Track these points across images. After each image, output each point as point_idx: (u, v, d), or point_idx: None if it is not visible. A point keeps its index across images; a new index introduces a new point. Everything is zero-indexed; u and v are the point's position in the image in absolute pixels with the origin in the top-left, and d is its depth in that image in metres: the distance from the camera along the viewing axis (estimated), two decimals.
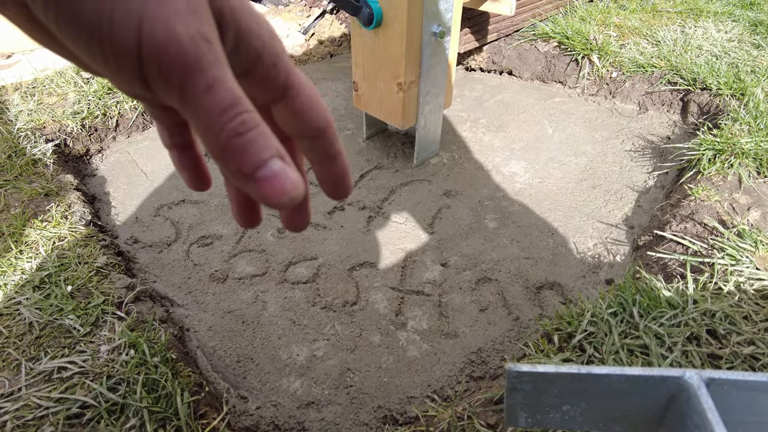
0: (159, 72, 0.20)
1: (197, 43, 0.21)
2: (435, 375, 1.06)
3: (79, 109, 1.73)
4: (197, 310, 1.20)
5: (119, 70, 0.21)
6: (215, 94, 0.21)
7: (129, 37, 0.20)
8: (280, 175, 0.22)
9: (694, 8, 2.46)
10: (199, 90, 0.21)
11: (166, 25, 0.20)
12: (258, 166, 0.22)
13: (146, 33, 0.20)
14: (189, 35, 0.20)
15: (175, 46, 0.20)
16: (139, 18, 0.20)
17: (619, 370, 0.65)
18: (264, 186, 0.22)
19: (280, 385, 1.05)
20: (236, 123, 0.21)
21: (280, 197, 0.22)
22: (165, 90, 0.21)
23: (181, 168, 0.31)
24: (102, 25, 0.20)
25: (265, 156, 0.22)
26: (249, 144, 0.22)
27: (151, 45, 0.20)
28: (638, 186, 1.56)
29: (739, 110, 1.60)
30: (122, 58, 0.20)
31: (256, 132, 0.22)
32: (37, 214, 1.29)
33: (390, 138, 1.81)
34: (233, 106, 0.21)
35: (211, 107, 0.21)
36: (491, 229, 1.42)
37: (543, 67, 2.14)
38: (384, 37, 1.39)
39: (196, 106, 0.21)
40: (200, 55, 0.21)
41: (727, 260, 1.10)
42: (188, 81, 0.21)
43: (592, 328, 0.97)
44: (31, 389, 0.89)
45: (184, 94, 0.21)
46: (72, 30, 0.20)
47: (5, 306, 1.05)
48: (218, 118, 0.21)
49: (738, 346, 0.91)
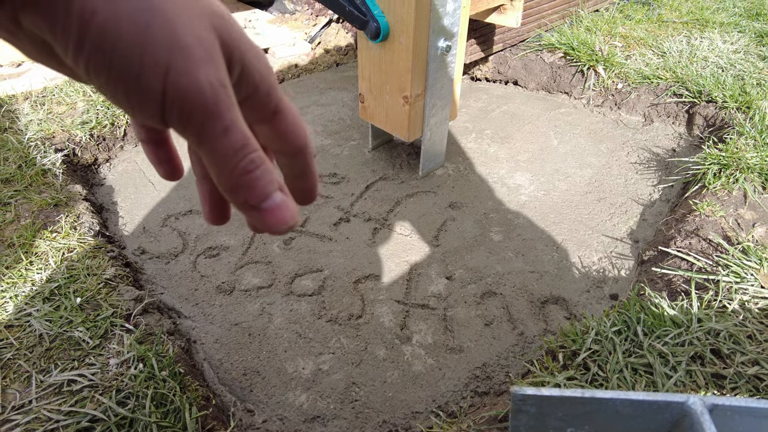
0: (180, 115, 0.23)
1: (216, 90, 0.23)
2: (440, 390, 1.06)
3: (88, 119, 1.75)
4: (204, 322, 1.21)
5: (142, 110, 0.23)
6: (230, 137, 0.24)
7: (155, 83, 0.22)
8: (281, 206, 0.26)
9: (699, 19, 2.46)
10: (217, 133, 0.23)
11: (189, 75, 0.22)
12: (263, 199, 0.26)
13: (171, 82, 0.22)
14: (209, 83, 0.23)
15: (197, 95, 0.22)
16: (166, 68, 0.22)
17: (623, 395, 0.66)
18: (268, 216, 0.26)
19: (286, 398, 1.06)
20: (246, 162, 0.25)
21: (281, 226, 0.26)
22: (183, 130, 0.23)
23: (157, 162, 0.33)
24: (131, 72, 0.21)
25: (269, 190, 0.26)
26: (256, 180, 0.25)
27: (175, 92, 0.22)
28: (643, 199, 1.56)
29: (745, 124, 1.60)
30: (147, 102, 0.22)
31: (263, 169, 0.25)
32: (46, 225, 1.31)
33: (395, 148, 1.82)
34: (244, 147, 0.24)
35: (225, 148, 0.24)
36: (496, 241, 1.42)
37: (548, 78, 2.15)
38: (390, 50, 1.40)
39: (213, 146, 0.24)
40: (218, 101, 0.23)
41: (731, 278, 1.10)
42: (207, 125, 0.23)
43: (597, 346, 0.97)
44: (41, 402, 0.90)
45: (203, 135, 0.23)
46: (101, 76, 0.22)
47: (16, 317, 1.06)
48: (232, 158, 0.24)
49: (742, 366, 0.91)
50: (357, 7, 1.35)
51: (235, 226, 1.48)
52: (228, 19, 0.26)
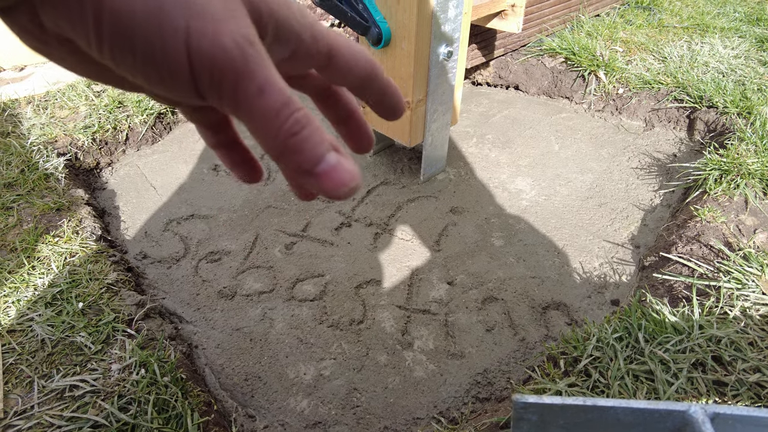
0: (210, 82, 0.21)
1: (242, 47, 0.21)
2: (441, 396, 1.06)
3: (90, 123, 1.75)
4: (206, 327, 1.21)
5: (175, 86, 0.22)
6: (267, 97, 0.22)
7: (179, 54, 0.20)
8: (338, 168, 0.24)
9: (700, 24, 2.46)
10: (251, 94, 0.22)
11: (211, 36, 0.21)
12: (316, 162, 0.23)
13: (194, 47, 0.20)
14: (234, 41, 0.21)
15: (222, 54, 0.21)
16: (186, 33, 0.20)
17: (625, 403, 0.66)
18: (324, 180, 0.23)
19: (288, 404, 1.06)
20: (291, 123, 0.22)
21: (340, 189, 0.24)
22: (218, 98, 0.22)
23: (232, 165, 0.32)
24: (155, 47, 0.20)
25: (321, 151, 0.23)
26: (305, 141, 0.23)
27: (201, 57, 0.21)
28: (644, 204, 1.56)
29: (746, 129, 1.60)
30: (176, 76, 0.21)
31: (310, 129, 0.23)
32: (49, 229, 1.31)
33: (396, 153, 1.82)
34: (285, 107, 0.22)
35: (264, 110, 0.22)
36: (497, 247, 1.43)
37: (549, 83, 2.15)
38: (392, 56, 1.40)
39: (251, 110, 0.22)
40: (247, 59, 0.21)
41: (733, 284, 1.10)
42: (240, 87, 0.21)
43: (598, 352, 0.97)
44: (43, 407, 0.90)
45: (237, 100, 0.22)
46: (127, 60, 0.21)
47: (18, 322, 1.07)
48: (273, 120, 0.22)
49: (744, 373, 0.91)
50: (359, 12, 1.35)
51: (237, 231, 1.48)
52: None
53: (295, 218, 1.53)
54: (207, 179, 1.71)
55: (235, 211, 1.56)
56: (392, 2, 1.31)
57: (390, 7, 1.32)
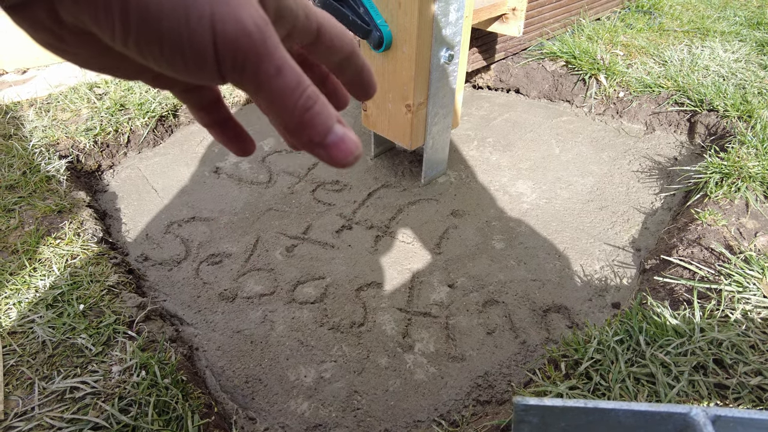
0: (234, 65, 0.22)
1: (262, 29, 0.22)
2: (442, 399, 1.06)
3: (92, 126, 1.76)
4: (206, 329, 1.21)
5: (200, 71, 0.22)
6: (285, 76, 0.23)
7: (205, 38, 0.21)
8: (344, 139, 0.25)
9: (700, 28, 2.47)
10: (270, 74, 0.23)
11: (234, 20, 0.21)
12: (326, 134, 0.25)
13: (219, 32, 0.21)
14: (255, 24, 0.22)
15: (246, 38, 0.22)
16: (211, 19, 0.21)
17: (626, 405, 0.66)
18: (333, 150, 0.25)
19: (288, 406, 1.06)
20: (304, 99, 0.24)
21: (347, 158, 0.26)
22: (240, 79, 0.23)
23: (227, 141, 0.33)
24: (182, 35, 0.21)
25: (330, 124, 0.25)
26: (316, 115, 0.24)
27: (225, 41, 0.21)
28: (645, 207, 1.56)
29: (746, 133, 1.60)
30: (202, 61, 0.22)
31: (320, 103, 0.25)
32: (50, 231, 1.31)
33: (397, 156, 1.83)
34: (300, 84, 0.24)
35: (282, 88, 0.23)
36: (498, 250, 1.43)
37: (550, 86, 2.16)
38: (393, 60, 1.41)
39: (270, 88, 0.23)
40: (266, 41, 0.22)
41: (734, 287, 1.10)
42: (261, 68, 0.22)
43: (599, 355, 0.97)
44: (44, 409, 0.90)
45: (258, 80, 0.23)
46: (153, 49, 0.21)
47: (19, 324, 1.07)
48: (290, 97, 0.24)
49: (745, 376, 0.91)
50: (360, 16, 1.36)
51: (238, 234, 1.48)
52: None
53: (296, 221, 1.53)
54: (208, 182, 1.71)
55: (236, 213, 1.56)
56: (393, 6, 1.31)
57: (391, 10, 1.33)
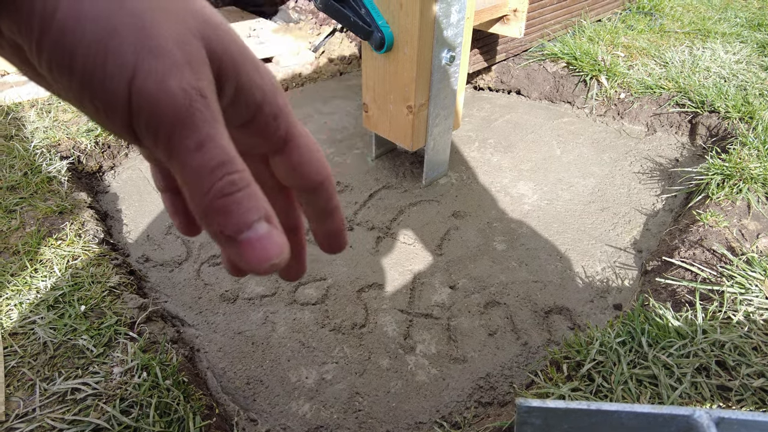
0: (147, 125, 0.20)
1: (191, 97, 0.20)
2: (443, 400, 1.06)
3: (93, 126, 1.76)
4: (208, 331, 1.21)
5: (108, 119, 0.20)
6: (205, 153, 0.20)
7: (120, 88, 0.19)
8: (263, 240, 0.21)
9: (701, 29, 2.47)
10: (189, 147, 0.20)
11: (158, 79, 0.19)
12: (242, 229, 0.21)
13: (137, 85, 0.19)
14: (182, 89, 0.20)
15: (167, 99, 0.20)
16: (132, 71, 0.19)
17: (629, 407, 0.66)
18: (247, 250, 0.21)
19: (290, 408, 1.05)
20: (224, 183, 0.21)
21: (263, 263, 0.21)
22: (153, 143, 0.20)
23: (174, 213, 0.30)
24: (95, 74, 0.19)
25: (250, 218, 0.21)
26: (235, 204, 0.21)
27: (141, 97, 0.19)
28: (646, 209, 1.56)
29: (748, 134, 1.60)
30: (112, 109, 0.20)
31: (244, 193, 0.21)
32: (51, 233, 1.31)
33: (399, 157, 1.83)
34: (223, 165, 0.21)
35: (199, 165, 0.20)
36: (499, 251, 1.42)
37: (551, 87, 2.16)
38: (395, 61, 1.41)
39: (185, 162, 0.20)
40: (193, 110, 0.20)
41: (736, 289, 1.10)
42: (178, 137, 0.20)
43: (601, 357, 0.97)
44: (45, 410, 0.90)
45: (172, 149, 0.20)
46: (63, 77, 0.20)
47: (20, 325, 1.06)
48: (207, 177, 0.21)
49: (748, 378, 0.91)
50: (362, 17, 1.36)
51: None
52: (221, 28, 0.23)
53: None
54: None
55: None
56: (395, 7, 1.31)
57: (393, 11, 1.33)
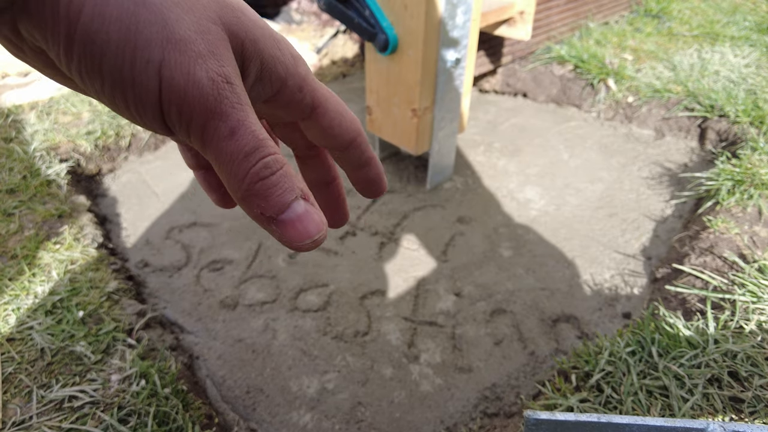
0: (179, 117, 0.21)
1: (218, 86, 0.21)
2: (448, 411, 1.04)
3: (93, 129, 1.74)
4: (207, 338, 1.19)
5: (140, 115, 0.21)
6: (238, 139, 0.21)
7: (150, 84, 0.20)
8: (303, 218, 0.23)
9: (710, 32, 2.44)
10: (221, 135, 0.21)
11: (185, 70, 0.20)
12: (281, 210, 0.22)
13: (166, 78, 0.20)
14: (210, 78, 0.20)
15: (196, 91, 0.20)
16: (159, 65, 0.20)
17: (640, 420, 0.63)
18: (287, 229, 0.22)
19: (290, 418, 1.03)
20: (259, 167, 0.22)
21: (303, 240, 0.23)
22: (186, 134, 0.21)
23: (209, 189, 0.31)
24: (124, 74, 0.20)
25: (288, 199, 0.22)
26: (272, 187, 0.22)
27: (171, 90, 0.20)
28: (655, 215, 1.53)
29: (758, 139, 1.57)
30: (144, 105, 0.20)
31: (280, 174, 0.22)
32: (50, 236, 1.30)
33: (403, 161, 1.80)
34: (257, 150, 0.21)
35: (233, 152, 0.21)
36: (506, 257, 1.40)
37: (558, 91, 2.13)
38: (399, 63, 1.39)
39: (219, 150, 0.21)
40: (222, 99, 0.21)
41: (748, 297, 1.07)
42: (210, 126, 0.21)
43: (610, 367, 0.94)
44: (42, 418, 0.88)
45: (206, 138, 0.21)
46: (95, 81, 0.20)
47: (18, 331, 1.05)
48: (241, 162, 0.21)
49: (761, 389, 0.88)
50: (365, 19, 1.34)
51: (240, 239, 1.46)
52: (240, 9, 0.23)
53: None
54: None
55: (238, 219, 1.54)
56: (400, 8, 1.29)
57: (397, 13, 1.31)
